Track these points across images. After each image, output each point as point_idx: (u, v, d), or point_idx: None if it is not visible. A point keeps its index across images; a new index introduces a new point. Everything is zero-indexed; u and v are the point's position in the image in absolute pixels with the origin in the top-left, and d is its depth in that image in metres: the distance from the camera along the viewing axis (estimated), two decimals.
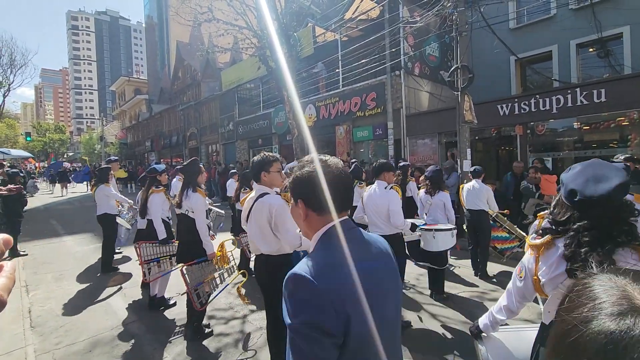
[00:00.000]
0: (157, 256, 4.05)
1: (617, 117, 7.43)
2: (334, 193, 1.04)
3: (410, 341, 3.33)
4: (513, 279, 1.57)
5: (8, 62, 24.80)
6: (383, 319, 0.98)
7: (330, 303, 0.88)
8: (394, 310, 1.07)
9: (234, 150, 18.89)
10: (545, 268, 1.38)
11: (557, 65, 10.36)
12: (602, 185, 1.28)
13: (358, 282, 0.93)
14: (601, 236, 1.25)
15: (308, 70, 13.30)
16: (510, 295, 1.59)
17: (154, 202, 4.20)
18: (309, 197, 1.06)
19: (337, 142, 12.35)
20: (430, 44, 11.29)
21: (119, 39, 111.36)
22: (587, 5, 9.40)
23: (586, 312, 0.49)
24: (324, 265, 0.94)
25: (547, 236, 1.39)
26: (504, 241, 5.30)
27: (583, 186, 1.31)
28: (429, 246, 3.90)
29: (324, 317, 0.87)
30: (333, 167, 1.09)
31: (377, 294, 0.98)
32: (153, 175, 4.35)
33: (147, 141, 30.81)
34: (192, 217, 3.46)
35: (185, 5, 11.00)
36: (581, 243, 1.26)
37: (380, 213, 3.58)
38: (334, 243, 1.01)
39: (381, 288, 1.02)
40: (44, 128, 53.28)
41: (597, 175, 1.32)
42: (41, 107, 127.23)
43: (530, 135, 8.64)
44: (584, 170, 1.37)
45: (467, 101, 7.23)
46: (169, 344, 3.35)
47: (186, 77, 27.87)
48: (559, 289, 1.31)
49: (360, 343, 0.92)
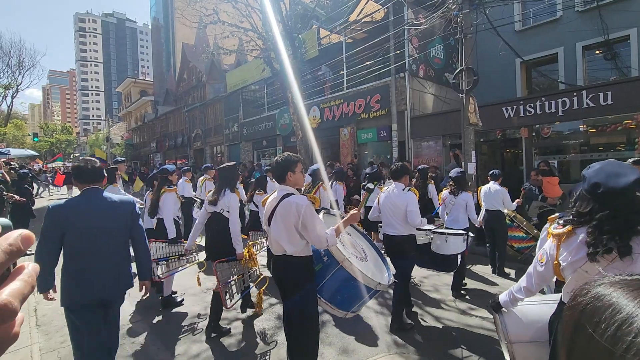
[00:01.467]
0: (167, 255, 4.10)
1: (624, 120, 7.37)
2: (83, 175, 2.42)
3: (414, 342, 3.32)
4: (534, 263, 1.77)
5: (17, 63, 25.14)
6: (86, 243, 2.30)
7: (52, 224, 2.28)
8: (103, 230, 2.35)
9: (238, 151, 18.96)
10: (566, 254, 1.58)
11: (562, 68, 10.30)
12: (622, 179, 1.48)
13: (72, 214, 2.30)
14: (621, 224, 1.43)
15: (312, 72, 13.33)
16: (530, 278, 1.80)
17: (166, 202, 4.26)
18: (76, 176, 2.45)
19: (341, 144, 12.36)
20: (435, 46, 11.27)
21: (125, 40, 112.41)
22: (593, 8, 9.33)
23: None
24: (62, 203, 2.36)
25: (569, 226, 1.59)
26: (520, 240, 5.52)
27: (606, 180, 1.50)
28: (440, 249, 3.91)
29: (48, 225, 2.27)
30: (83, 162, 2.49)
31: (86, 223, 2.30)
32: (164, 176, 4.42)
33: (153, 142, 31.02)
34: (227, 216, 3.57)
35: (191, 8, 11.09)
36: (603, 231, 1.45)
37: (397, 213, 3.66)
38: (76, 197, 2.40)
39: (90, 220, 2.31)
40: (51, 129, 53.84)
41: (616, 172, 1.52)
42: (48, 108, 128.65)
43: (535, 137, 8.58)
44: (604, 167, 1.57)
45: (471, 103, 7.20)
46: (173, 344, 3.37)
47: (191, 78, 28.06)
48: (577, 272, 1.52)
49: (71, 243, 2.30)
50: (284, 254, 2.49)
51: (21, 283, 0.33)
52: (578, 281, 1.54)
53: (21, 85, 26.07)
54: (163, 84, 35.44)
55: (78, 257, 2.32)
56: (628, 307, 0.41)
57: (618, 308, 0.42)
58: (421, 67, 10.88)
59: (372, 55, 10.85)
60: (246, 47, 12.05)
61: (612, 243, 1.42)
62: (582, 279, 1.51)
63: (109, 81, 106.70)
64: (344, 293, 2.58)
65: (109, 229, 2.39)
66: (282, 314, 2.70)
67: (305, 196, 2.61)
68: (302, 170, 2.65)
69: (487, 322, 3.78)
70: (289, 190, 2.54)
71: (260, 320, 3.84)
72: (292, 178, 2.56)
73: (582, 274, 1.51)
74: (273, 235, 2.53)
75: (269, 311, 4.08)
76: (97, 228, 2.34)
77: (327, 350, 3.22)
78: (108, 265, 2.37)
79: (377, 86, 11.16)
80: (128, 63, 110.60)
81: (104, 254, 2.36)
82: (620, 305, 0.42)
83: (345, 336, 3.47)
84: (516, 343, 1.89)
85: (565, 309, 0.51)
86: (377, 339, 3.42)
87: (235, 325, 3.76)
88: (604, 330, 0.40)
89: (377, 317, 3.90)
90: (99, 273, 2.33)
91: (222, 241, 3.57)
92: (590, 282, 0.49)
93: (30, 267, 0.35)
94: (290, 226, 2.42)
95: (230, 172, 3.76)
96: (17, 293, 0.32)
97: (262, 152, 17.68)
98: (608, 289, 0.45)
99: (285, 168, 2.55)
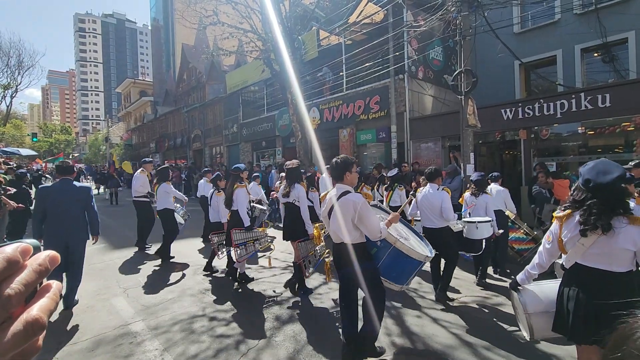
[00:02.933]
0: (244, 240, 4.81)
1: (622, 122, 7.39)
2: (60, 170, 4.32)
3: (411, 344, 3.33)
4: (543, 243, 2.31)
5: (16, 63, 25.09)
6: (59, 209, 4.01)
7: (40, 198, 4.08)
8: (70, 210, 4.07)
9: (237, 152, 18.97)
10: (566, 231, 2.09)
11: (561, 70, 10.34)
12: (608, 176, 1.93)
13: (52, 192, 4.12)
14: (605, 209, 1.92)
15: (312, 74, 13.36)
16: (541, 255, 2.32)
17: (240, 195, 4.91)
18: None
19: (341, 145, 12.37)
20: (434, 48, 11.30)
21: (125, 41, 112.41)
22: (591, 11, 9.38)
23: None
24: (47, 185, 4.49)
25: (568, 210, 2.11)
26: (521, 242, 5.73)
27: (595, 176, 1.96)
28: (471, 235, 4.53)
29: (38, 199, 4.09)
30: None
31: (60, 203, 4.03)
32: (236, 173, 5.07)
33: (152, 142, 30.99)
34: (298, 205, 4.48)
35: (190, 9, 11.11)
36: (592, 213, 1.95)
37: (434, 210, 4.30)
38: (55, 183, 4.30)
39: (61, 200, 4.03)
40: (50, 129, 53.78)
41: (605, 170, 1.96)
42: (48, 108, 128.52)
43: (534, 139, 8.60)
44: (596, 165, 2.01)
45: (470, 105, 7.22)
46: (171, 344, 3.37)
47: (191, 79, 28.08)
48: (576, 245, 2.02)
49: (50, 209, 4.01)
50: (342, 241, 2.90)
51: (48, 300, 0.36)
52: (577, 252, 2.04)
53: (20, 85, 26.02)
54: (163, 85, 35.44)
55: (53, 218, 4.06)
56: None
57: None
58: (420, 68, 10.91)
59: (372, 57, 10.88)
60: (246, 48, 12.07)
61: (598, 222, 1.91)
62: (580, 250, 2.02)
63: (108, 81, 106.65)
64: (398, 269, 3.13)
65: (72, 202, 4.13)
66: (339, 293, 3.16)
67: (359, 194, 3.04)
68: (357, 170, 3.15)
69: (485, 322, 3.79)
70: (346, 188, 2.92)
71: (258, 321, 3.84)
72: (348, 177, 2.96)
73: (579, 246, 2.02)
74: (332, 227, 2.95)
75: (266, 312, 4.08)
76: (65, 201, 4.09)
77: (325, 351, 3.22)
78: (70, 223, 4.11)
79: (377, 87, 11.18)
80: (128, 63, 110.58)
81: (68, 216, 4.09)
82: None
83: (343, 339, 3.47)
84: (533, 314, 2.25)
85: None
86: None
87: (233, 326, 3.76)
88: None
89: None
90: (65, 227, 4.07)
91: (297, 225, 4.52)
92: None
93: (55, 285, 0.38)
94: (348, 219, 2.80)
95: (296, 171, 4.64)
96: (45, 309, 0.35)
97: (262, 153, 17.68)
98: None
99: (343, 168, 2.94)
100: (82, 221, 4.19)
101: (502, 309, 4.15)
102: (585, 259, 2.03)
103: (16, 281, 0.33)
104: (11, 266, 0.33)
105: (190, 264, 6.06)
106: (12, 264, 0.33)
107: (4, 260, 0.33)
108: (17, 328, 0.32)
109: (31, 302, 0.35)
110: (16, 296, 0.32)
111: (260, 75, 14.85)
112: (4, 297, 0.32)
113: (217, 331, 3.64)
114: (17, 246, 0.35)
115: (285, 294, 4.64)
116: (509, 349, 3.22)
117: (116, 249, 7.17)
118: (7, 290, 0.32)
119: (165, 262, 6.16)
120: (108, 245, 7.58)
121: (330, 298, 4.47)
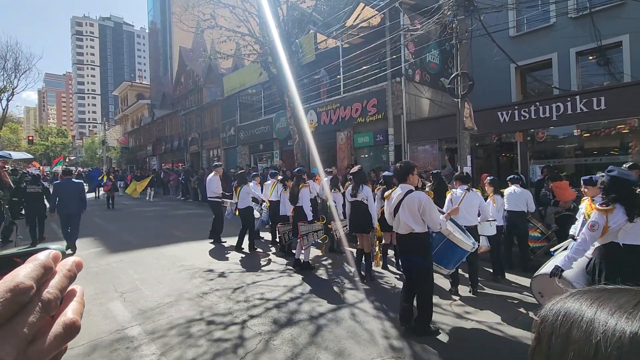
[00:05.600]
0: (307, 232, 5.67)
1: (617, 125, 7.45)
2: (65, 172, 7.94)
3: (409, 346, 3.33)
4: (585, 232, 3.00)
5: (13, 66, 24.95)
6: (64, 194, 7.08)
7: (55, 188, 7.29)
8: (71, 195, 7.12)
9: (235, 155, 18.95)
10: (613, 221, 2.84)
11: (557, 73, 10.42)
12: (632, 177, 2.94)
13: (60, 186, 7.26)
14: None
15: (310, 77, 13.39)
16: (585, 242, 3.00)
17: (304, 194, 5.91)
18: None
19: (338, 148, 12.39)
20: (430, 51, 11.37)
21: (122, 44, 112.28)
22: (586, 14, 9.47)
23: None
24: (59, 182, 7.70)
25: (612, 204, 2.86)
26: (536, 240, 6.12)
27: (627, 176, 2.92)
28: (485, 231, 4.98)
29: (54, 189, 7.30)
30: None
31: (66, 191, 7.09)
32: (300, 175, 6.16)
33: (149, 145, 30.92)
34: (366, 203, 5.17)
35: (188, 12, 11.12)
36: (635, 206, 2.80)
37: (470, 210, 4.78)
38: (61, 180, 7.61)
39: (66, 190, 7.09)
40: (47, 132, 53.56)
41: (628, 174, 2.96)
42: (44, 111, 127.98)
43: (530, 142, 8.66)
44: (621, 170, 2.99)
45: (467, 108, 7.26)
46: (168, 349, 3.35)
47: (188, 82, 28.06)
48: (621, 229, 2.84)
49: (60, 195, 7.09)
50: (410, 232, 3.55)
51: (78, 304, 0.38)
52: (614, 234, 2.87)
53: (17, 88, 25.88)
54: (160, 88, 35.37)
55: (61, 200, 7.04)
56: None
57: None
58: (417, 72, 10.96)
59: (369, 60, 10.94)
60: (243, 51, 12.09)
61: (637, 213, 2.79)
62: (621, 232, 2.85)
63: (105, 84, 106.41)
64: (449, 256, 3.93)
65: (71, 190, 7.10)
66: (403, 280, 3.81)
67: (423, 191, 3.74)
68: (418, 172, 3.85)
69: (482, 325, 3.79)
70: (409, 187, 3.61)
71: (256, 325, 3.82)
72: (411, 178, 3.64)
73: (621, 232, 2.84)
74: (401, 219, 3.58)
75: (265, 315, 4.07)
76: (68, 191, 7.07)
77: (323, 354, 3.21)
78: (71, 202, 7.07)
79: (374, 90, 11.22)
80: (125, 66, 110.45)
81: (70, 199, 7.06)
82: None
83: (341, 340, 3.46)
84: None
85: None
86: (373, 343, 3.42)
87: (232, 329, 3.75)
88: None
89: (374, 321, 3.90)
90: (68, 204, 7.04)
91: (363, 219, 5.22)
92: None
93: (79, 290, 0.40)
94: (415, 212, 3.47)
95: (361, 173, 5.35)
96: (78, 312, 0.37)
97: (259, 156, 17.68)
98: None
99: (407, 171, 3.64)
100: (77, 201, 7.17)
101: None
102: (624, 238, 2.85)
103: (52, 286, 0.35)
104: (47, 272, 0.35)
105: (188, 268, 6.03)
106: (47, 270, 0.35)
107: (41, 267, 0.34)
108: (58, 331, 0.34)
109: (61, 307, 0.37)
110: (54, 300, 0.34)
111: (257, 78, 14.87)
112: (45, 301, 0.33)
113: (215, 335, 3.62)
114: (49, 252, 0.36)
115: (284, 297, 4.63)
116: None
117: (113, 253, 7.14)
118: (46, 294, 0.34)
119: (251, 252, 7.04)
120: (105, 249, 7.54)
121: (328, 301, 4.47)
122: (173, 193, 20.76)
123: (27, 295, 0.32)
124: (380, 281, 5.31)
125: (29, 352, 0.32)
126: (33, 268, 0.34)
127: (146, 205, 16.33)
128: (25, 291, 0.32)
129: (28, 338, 0.32)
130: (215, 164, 8.78)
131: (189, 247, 7.57)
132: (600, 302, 0.41)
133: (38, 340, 0.32)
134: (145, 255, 6.89)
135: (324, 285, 5.15)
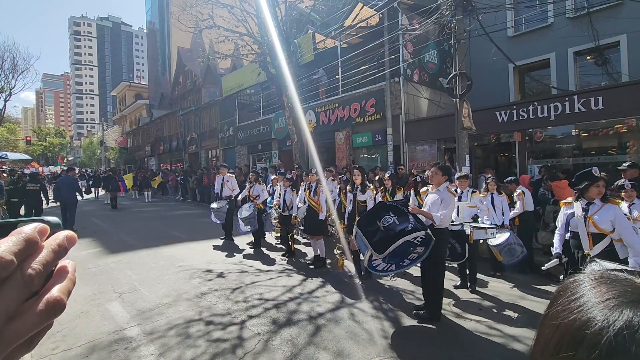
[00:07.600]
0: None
1: (615, 124, 7.47)
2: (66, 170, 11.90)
3: (408, 346, 3.33)
4: (633, 230, 3.11)
5: (10, 67, 24.85)
6: (64, 186, 9.78)
7: (58, 182, 10.49)
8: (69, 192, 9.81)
9: (233, 155, 18.92)
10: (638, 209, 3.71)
11: (555, 73, 10.44)
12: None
13: (62, 180, 10.23)
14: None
15: (308, 77, 13.39)
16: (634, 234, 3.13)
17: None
18: None
19: (337, 148, 12.39)
20: (429, 51, 11.38)
21: (120, 44, 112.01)
22: (584, 14, 9.50)
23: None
24: (61, 177, 11.41)
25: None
26: None
27: None
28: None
29: (57, 183, 10.68)
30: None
31: (64, 185, 9.88)
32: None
33: (147, 146, 30.85)
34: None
35: (186, 12, 11.09)
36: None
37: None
38: (62, 176, 11.36)
39: (64, 184, 9.87)
40: (45, 132, 53.39)
41: None
42: (42, 111, 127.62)
43: (528, 141, 8.67)
44: None
45: (465, 108, 7.27)
46: (167, 349, 3.34)
47: (187, 82, 28.03)
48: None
49: (60, 187, 9.90)
50: (431, 224, 3.94)
51: (67, 281, 0.37)
52: None
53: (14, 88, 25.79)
54: (158, 88, 35.33)
55: (61, 191, 9.72)
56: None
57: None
58: (416, 71, 10.97)
59: (367, 60, 10.94)
60: (242, 51, 12.06)
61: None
62: None
63: (103, 85, 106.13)
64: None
65: (69, 185, 9.82)
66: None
67: (447, 189, 4.04)
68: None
69: (481, 325, 3.79)
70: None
71: (255, 325, 3.82)
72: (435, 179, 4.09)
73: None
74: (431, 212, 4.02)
75: (263, 316, 4.06)
76: (66, 184, 9.81)
77: (322, 354, 3.21)
78: (68, 193, 9.65)
79: (372, 90, 11.22)
80: (123, 67, 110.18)
81: (68, 190, 9.68)
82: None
83: (340, 340, 3.46)
84: None
85: None
86: (372, 343, 3.42)
87: (231, 329, 3.74)
88: None
89: (373, 321, 3.90)
90: (65, 195, 9.60)
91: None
92: None
93: (71, 266, 0.39)
94: (437, 207, 3.97)
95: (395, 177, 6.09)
96: (65, 290, 0.36)
97: (258, 156, 17.66)
98: None
99: (447, 173, 4.12)
100: (73, 192, 9.73)
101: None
102: None
103: (36, 261, 0.34)
104: (30, 246, 0.33)
105: (187, 269, 6.02)
106: (31, 244, 0.34)
107: (23, 241, 0.33)
108: (40, 308, 0.33)
109: (49, 282, 0.35)
110: (37, 276, 0.33)
111: (256, 78, 14.86)
112: (26, 277, 0.32)
113: (214, 335, 3.61)
114: (35, 226, 0.35)
115: (282, 297, 4.62)
116: None
117: (111, 254, 7.11)
118: (28, 270, 0.33)
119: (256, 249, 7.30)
120: (103, 249, 7.52)
121: (327, 301, 4.47)
122: (172, 193, 20.73)
123: (6, 271, 0.31)
124: (379, 280, 5.31)
125: (7, 330, 0.31)
126: (15, 241, 0.32)
127: (144, 206, 16.29)
128: (5, 266, 0.30)
129: (8, 314, 0.31)
130: (221, 165, 9.29)
131: (188, 248, 7.55)
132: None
133: (17, 318, 0.31)
134: (144, 256, 6.87)
135: (323, 285, 5.14)
